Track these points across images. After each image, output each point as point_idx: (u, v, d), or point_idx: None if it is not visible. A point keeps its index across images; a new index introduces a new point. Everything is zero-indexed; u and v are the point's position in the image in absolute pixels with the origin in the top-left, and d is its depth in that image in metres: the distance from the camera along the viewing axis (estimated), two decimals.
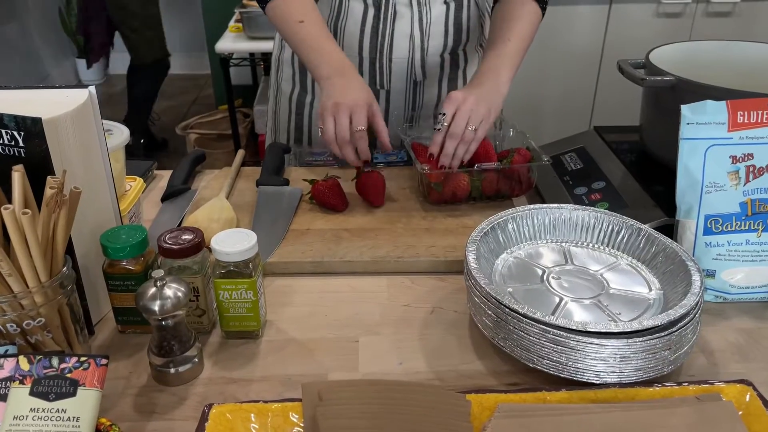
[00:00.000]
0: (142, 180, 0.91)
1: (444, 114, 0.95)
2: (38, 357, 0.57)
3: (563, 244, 0.83)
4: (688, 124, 0.77)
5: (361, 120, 0.94)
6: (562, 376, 0.64)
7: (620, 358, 0.63)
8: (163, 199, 1.02)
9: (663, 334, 0.63)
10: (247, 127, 2.95)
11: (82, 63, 4.26)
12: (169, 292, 0.65)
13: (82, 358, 0.57)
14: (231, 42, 2.50)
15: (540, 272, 0.77)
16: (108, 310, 0.76)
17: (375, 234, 0.92)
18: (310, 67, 1.02)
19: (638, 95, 1.05)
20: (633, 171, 0.98)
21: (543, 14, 1.09)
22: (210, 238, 0.89)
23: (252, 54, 2.78)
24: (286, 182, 1.05)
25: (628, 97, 1.91)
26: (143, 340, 0.73)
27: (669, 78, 0.90)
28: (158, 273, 0.65)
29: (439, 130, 0.95)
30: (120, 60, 4.39)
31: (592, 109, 2.57)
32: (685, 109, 0.76)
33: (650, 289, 0.74)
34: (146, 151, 3.33)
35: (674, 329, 0.64)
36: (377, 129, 0.97)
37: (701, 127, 0.76)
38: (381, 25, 1.11)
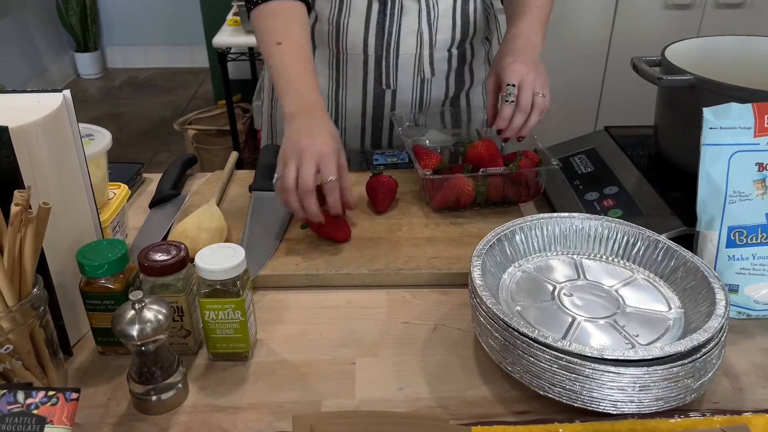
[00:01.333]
0: (126, 187, 0.85)
1: (514, 85, 0.90)
2: (2, 392, 0.52)
3: (575, 257, 0.77)
4: (710, 128, 0.71)
5: (332, 170, 0.81)
6: (575, 405, 0.59)
7: (639, 387, 0.58)
8: (151, 205, 0.97)
9: (686, 361, 0.58)
10: (246, 122, 2.89)
11: (80, 57, 4.21)
12: (148, 314, 0.60)
13: (50, 392, 0.52)
14: (228, 36, 2.44)
15: (550, 288, 0.72)
16: (88, 329, 0.71)
17: (374, 243, 0.87)
18: (279, 96, 0.90)
19: (648, 91, 0.99)
20: (648, 175, 0.92)
21: None
22: (198, 248, 0.84)
23: (251, 48, 2.72)
24: None
25: (638, 93, 1.85)
26: (125, 362, 0.68)
27: (688, 77, 0.84)
28: (136, 294, 0.60)
29: (511, 102, 0.90)
30: (118, 53, 4.35)
31: (598, 104, 2.51)
32: (708, 113, 0.71)
33: (670, 308, 0.69)
34: None
35: (698, 356, 0.59)
36: (341, 186, 0.84)
37: (725, 132, 0.71)
38: (387, 21, 1.05)
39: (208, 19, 3.07)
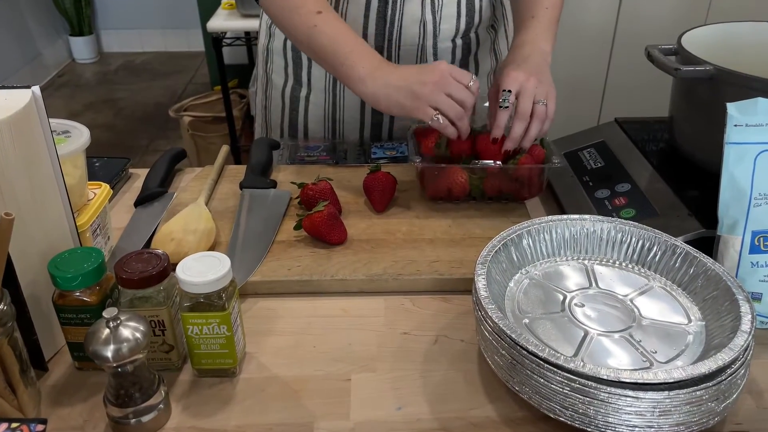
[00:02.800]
0: (108, 186, 0.80)
1: (509, 91, 0.85)
2: None
3: (586, 262, 0.72)
4: (735, 125, 0.66)
5: (465, 73, 0.84)
6: (588, 430, 0.55)
7: (660, 412, 0.53)
8: (137, 203, 0.92)
9: (711, 383, 0.53)
10: (242, 109, 2.83)
11: (75, 41, 4.13)
12: (125, 332, 0.55)
13: (14, 424, 0.48)
14: (223, 20, 2.37)
15: (560, 297, 0.67)
16: (64, 342, 0.67)
17: (371, 246, 0.82)
18: (338, 68, 0.87)
19: (658, 79, 0.94)
20: (662, 172, 0.87)
21: None
22: (184, 252, 0.79)
23: (247, 33, 2.65)
24: (273, 184, 0.94)
25: (646, 81, 1.79)
26: (104, 378, 0.63)
27: (707, 68, 0.79)
28: (111, 311, 0.55)
29: (506, 108, 0.85)
30: (114, 37, 4.27)
31: (602, 93, 2.43)
32: (732, 108, 0.65)
33: (689, 320, 0.64)
34: None
35: (723, 377, 0.54)
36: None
37: (751, 130, 0.65)
38: (389, 10, 0.99)
39: (202, 3, 3.00)
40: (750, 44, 0.91)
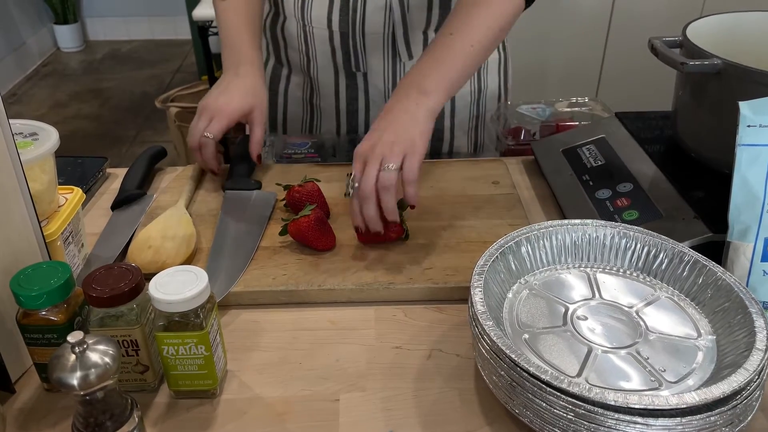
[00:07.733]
0: (80, 191, 0.75)
1: (353, 175, 0.73)
2: None
3: (588, 270, 0.68)
4: (748, 126, 0.61)
5: (214, 128, 0.87)
6: None
7: None
8: (114, 206, 0.87)
9: (725, 408, 0.49)
10: None
11: (60, 29, 4.04)
12: (93, 357, 0.50)
13: None
14: (209, 8, 2.30)
15: (562, 310, 0.63)
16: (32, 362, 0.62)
17: (361, 252, 0.77)
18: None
19: (656, 66, 0.89)
20: (666, 171, 0.83)
21: (527, 5, 0.84)
22: (162, 260, 0.75)
23: None
24: (258, 185, 0.90)
25: (643, 67, 1.74)
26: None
27: (715, 62, 0.74)
28: (76, 335, 0.50)
29: (351, 195, 0.74)
30: (99, 25, 4.19)
31: (597, 85, 2.38)
32: (745, 108, 0.61)
33: (699, 334, 0.60)
34: None
35: (738, 401, 0.50)
36: (251, 139, 0.90)
37: (765, 131, 0.61)
38: None
39: None
40: (760, 35, 0.87)
